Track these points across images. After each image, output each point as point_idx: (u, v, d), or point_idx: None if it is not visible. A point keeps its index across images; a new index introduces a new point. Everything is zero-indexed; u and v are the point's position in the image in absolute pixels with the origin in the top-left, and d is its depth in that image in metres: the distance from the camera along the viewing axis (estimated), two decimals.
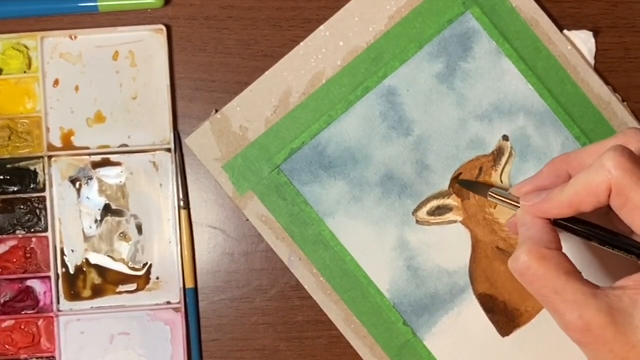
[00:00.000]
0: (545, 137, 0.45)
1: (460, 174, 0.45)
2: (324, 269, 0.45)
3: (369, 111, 0.45)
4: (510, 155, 0.45)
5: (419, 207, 0.45)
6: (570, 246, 0.44)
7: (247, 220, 0.45)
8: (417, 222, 0.45)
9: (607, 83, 0.46)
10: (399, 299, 0.45)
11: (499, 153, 0.45)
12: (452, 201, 0.45)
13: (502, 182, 0.45)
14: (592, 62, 0.46)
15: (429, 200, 0.45)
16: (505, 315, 0.45)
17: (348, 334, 0.45)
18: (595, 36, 0.46)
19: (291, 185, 0.45)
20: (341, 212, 0.45)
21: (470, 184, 0.45)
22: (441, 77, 0.46)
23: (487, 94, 0.45)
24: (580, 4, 0.47)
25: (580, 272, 0.34)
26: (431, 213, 0.45)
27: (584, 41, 0.46)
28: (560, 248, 0.35)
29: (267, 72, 0.45)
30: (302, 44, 0.45)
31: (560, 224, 0.36)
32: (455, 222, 0.46)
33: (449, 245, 0.45)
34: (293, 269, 0.45)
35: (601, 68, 0.47)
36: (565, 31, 0.46)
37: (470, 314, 0.45)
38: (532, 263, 0.33)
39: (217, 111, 0.45)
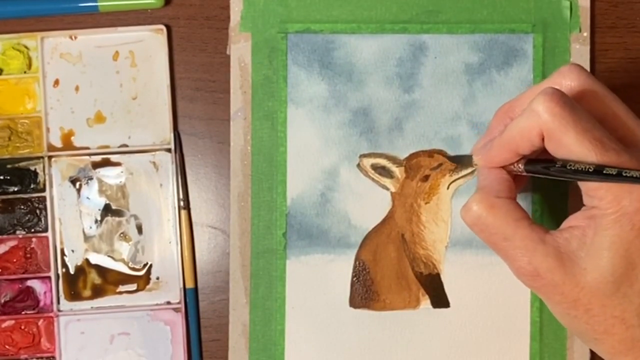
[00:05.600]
0: None
1: (420, 156, 0.46)
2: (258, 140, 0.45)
3: (392, 48, 0.46)
4: (471, 173, 0.45)
5: (368, 155, 0.46)
6: None
7: (228, 54, 0.45)
8: (358, 165, 0.46)
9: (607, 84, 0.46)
10: (295, 212, 0.45)
11: (463, 165, 0.45)
12: (398, 172, 0.46)
13: (447, 188, 0.45)
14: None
15: (380, 155, 0.46)
16: (366, 291, 0.45)
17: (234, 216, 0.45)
18: (593, 38, 0.46)
19: (285, 56, 0.45)
20: (306, 108, 0.45)
21: (463, 159, 0.45)
22: (469, 69, 0.46)
23: (493, 112, 0.45)
24: None
25: (530, 218, 0.35)
26: (374, 167, 0.45)
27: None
28: (511, 196, 0.35)
29: None
30: None
31: (530, 170, 0.36)
32: (387, 189, 0.46)
33: (368, 204, 0.46)
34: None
35: (601, 68, 0.47)
36: None
37: (340, 267, 0.45)
38: (481, 212, 0.34)
39: None
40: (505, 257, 0.35)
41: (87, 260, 0.46)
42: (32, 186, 0.46)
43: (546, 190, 0.46)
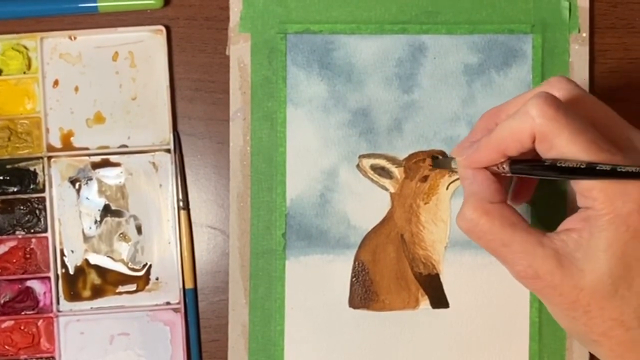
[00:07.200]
0: None
1: (419, 157, 0.46)
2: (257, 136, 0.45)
3: (391, 49, 0.46)
4: None
5: (368, 156, 0.46)
6: None
7: (227, 55, 0.45)
8: (357, 165, 0.46)
9: (607, 85, 0.46)
10: (294, 212, 0.45)
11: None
12: (397, 172, 0.46)
13: (447, 189, 0.45)
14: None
15: (380, 156, 0.46)
16: (365, 291, 0.45)
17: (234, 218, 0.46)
18: (593, 38, 0.46)
19: (284, 56, 0.45)
20: (305, 109, 0.45)
21: (441, 162, 0.45)
22: (468, 69, 0.46)
23: None
24: None
25: (526, 221, 0.35)
26: (373, 168, 0.46)
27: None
28: (503, 200, 0.36)
29: None
30: None
31: (516, 170, 0.36)
32: (386, 190, 0.46)
33: (367, 204, 0.46)
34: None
35: (601, 68, 0.47)
36: None
37: (339, 267, 0.45)
38: (478, 219, 0.34)
39: None
40: (504, 261, 0.35)
41: (86, 260, 0.46)
42: (31, 186, 0.46)
43: (545, 193, 0.46)
